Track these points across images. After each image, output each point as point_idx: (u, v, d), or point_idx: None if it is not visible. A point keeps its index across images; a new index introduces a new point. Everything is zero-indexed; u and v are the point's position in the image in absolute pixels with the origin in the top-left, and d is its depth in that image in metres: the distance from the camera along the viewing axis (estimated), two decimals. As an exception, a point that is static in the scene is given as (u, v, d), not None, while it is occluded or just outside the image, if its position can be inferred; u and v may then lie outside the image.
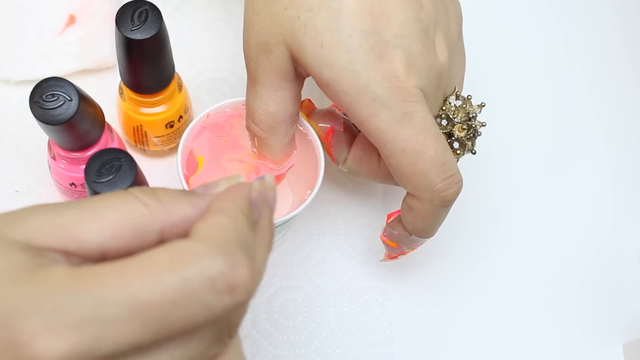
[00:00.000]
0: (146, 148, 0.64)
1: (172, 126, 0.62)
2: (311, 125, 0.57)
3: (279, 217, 0.55)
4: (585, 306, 0.63)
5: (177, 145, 0.56)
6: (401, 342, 0.61)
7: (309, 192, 0.55)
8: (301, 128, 0.57)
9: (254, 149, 0.56)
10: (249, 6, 0.51)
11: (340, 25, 0.48)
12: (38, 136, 0.63)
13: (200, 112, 0.57)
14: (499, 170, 0.67)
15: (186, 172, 0.56)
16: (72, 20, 0.67)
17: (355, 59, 0.49)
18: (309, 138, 0.57)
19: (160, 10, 0.54)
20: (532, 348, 0.62)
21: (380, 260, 0.60)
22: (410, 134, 0.49)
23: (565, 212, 0.66)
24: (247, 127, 0.55)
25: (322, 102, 0.59)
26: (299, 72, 0.52)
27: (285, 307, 0.62)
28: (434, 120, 0.51)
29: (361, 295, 0.62)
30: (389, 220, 0.56)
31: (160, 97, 0.59)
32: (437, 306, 0.63)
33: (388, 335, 0.61)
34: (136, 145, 0.64)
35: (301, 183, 0.56)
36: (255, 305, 0.62)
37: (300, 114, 0.56)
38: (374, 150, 0.55)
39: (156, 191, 0.38)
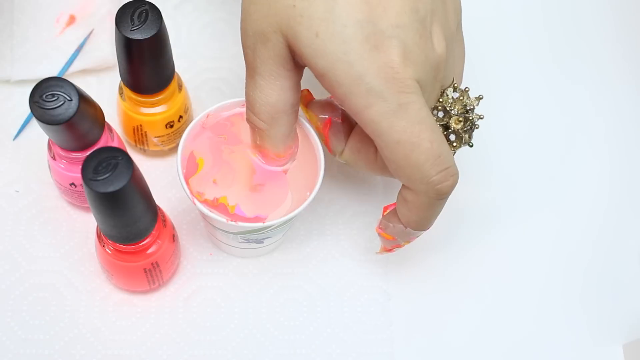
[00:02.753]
0: (146, 148, 0.64)
1: (172, 126, 0.62)
2: (309, 116, 0.57)
3: (279, 217, 0.55)
4: (585, 306, 0.63)
5: (177, 145, 0.56)
6: (401, 342, 0.61)
7: (308, 192, 0.55)
8: (301, 128, 0.57)
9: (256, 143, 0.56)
10: None
11: (336, 15, 0.48)
12: (38, 136, 0.64)
13: (200, 112, 0.57)
14: (498, 169, 0.66)
15: (186, 173, 0.56)
16: (72, 20, 0.67)
17: (350, 49, 0.48)
18: (308, 138, 0.57)
19: (160, 10, 0.54)
20: (532, 348, 0.62)
21: (376, 253, 0.59)
22: (405, 126, 0.49)
23: (565, 210, 0.66)
24: (248, 120, 0.54)
25: (322, 95, 0.59)
26: (297, 61, 0.51)
27: (286, 307, 0.62)
28: (430, 112, 0.50)
29: (361, 295, 0.62)
30: (385, 213, 0.55)
31: (160, 97, 0.59)
32: (438, 306, 0.63)
33: (388, 335, 0.61)
34: (136, 145, 0.64)
35: (301, 183, 0.56)
36: (256, 305, 0.62)
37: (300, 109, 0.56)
38: (370, 142, 0.54)
39: None
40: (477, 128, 0.54)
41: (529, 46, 0.71)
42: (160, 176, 0.64)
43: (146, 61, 0.56)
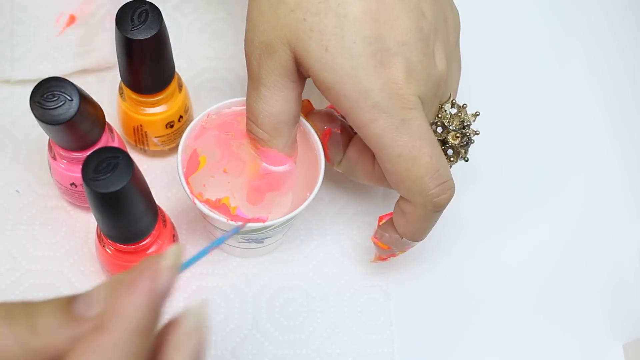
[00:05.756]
0: (146, 148, 0.64)
1: (172, 126, 0.62)
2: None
3: (279, 217, 0.55)
4: (586, 306, 0.63)
5: (178, 145, 0.56)
6: (401, 342, 0.61)
7: (308, 192, 0.55)
8: (302, 127, 0.57)
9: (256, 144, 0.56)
10: (254, 6, 0.52)
11: (346, 31, 0.49)
12: (38, 136, 0.64)
13: (200, 112, 0.57)
14: (498, 170, 0.67)
15: (186, 172, 0.55)
16: (72, 20, 0.67)
17: (358, 65, 0.49)
18: (309, 138, 0.57)
19: (160, 10, 0.54)
20: (533, 348, 0.62)
21: (371, 262, 0.60)
22: (407, 141, 0.50)
23: (565, 212, 0.66)
24: (249, 131, 0.55)
25: (322, 104, 0.59)
26: (300, 73, 0.52)
27: (286, 307, 0.62)
28: (430, 127, 0.52)
29: (361, 295, 0.62)
30: (381, 223, 0.57)
31: (160, 97, 0.59)
32: (437, 306, 0.63)
33: (388, 335, 0.61)
34: (136, 145, 0.64)
35: (301, 183, 0.56)
36: (256, 305, 0.62)
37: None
38: (368, 153, 0.56)
39: (33, 316, 0.35)
40: (473, 143, 0.55)
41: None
42: (160, 176, 0.64)
43: (146, 61, 0.56)
